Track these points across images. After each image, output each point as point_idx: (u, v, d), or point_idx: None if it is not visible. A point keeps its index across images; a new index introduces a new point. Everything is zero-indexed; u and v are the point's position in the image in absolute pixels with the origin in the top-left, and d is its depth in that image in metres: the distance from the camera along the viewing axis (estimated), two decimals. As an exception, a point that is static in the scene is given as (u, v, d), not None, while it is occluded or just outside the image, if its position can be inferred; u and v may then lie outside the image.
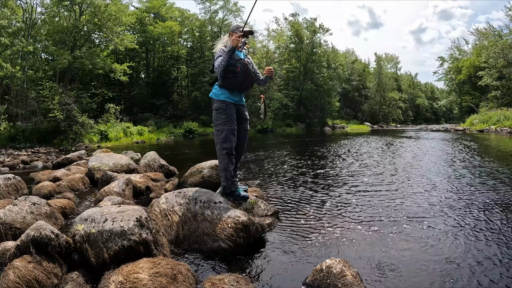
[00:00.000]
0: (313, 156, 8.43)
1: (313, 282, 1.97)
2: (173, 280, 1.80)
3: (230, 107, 3.19)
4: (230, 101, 3.20)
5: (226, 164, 3.13)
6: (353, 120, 42.06)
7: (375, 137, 16.05)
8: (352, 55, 50.70)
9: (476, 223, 2.99)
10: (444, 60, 35.82)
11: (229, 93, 3.20)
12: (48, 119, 13.28)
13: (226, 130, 3.14)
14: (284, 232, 2.88)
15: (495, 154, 8.31)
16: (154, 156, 6.02)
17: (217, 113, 3.20)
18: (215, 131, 3.23)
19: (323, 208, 3.58)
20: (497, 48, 24.29)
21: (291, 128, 29.43)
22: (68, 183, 4.64)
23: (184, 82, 28.64)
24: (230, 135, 3.15)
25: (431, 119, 58.09)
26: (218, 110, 3.19)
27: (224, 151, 3.14)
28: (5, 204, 3.13)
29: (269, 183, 4.92)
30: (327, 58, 35.08)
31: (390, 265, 2.24)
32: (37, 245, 2.00)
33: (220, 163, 3.23)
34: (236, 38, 3.01)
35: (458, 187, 4.45)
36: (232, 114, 3.19)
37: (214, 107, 3.24)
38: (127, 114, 20.21)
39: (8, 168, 7.41)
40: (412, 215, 3.26)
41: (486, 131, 18.73)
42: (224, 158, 3.14)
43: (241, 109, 3.35)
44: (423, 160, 7.14)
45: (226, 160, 3.13)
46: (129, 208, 2.38)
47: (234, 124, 3.21)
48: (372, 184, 4.74)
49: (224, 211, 2.63)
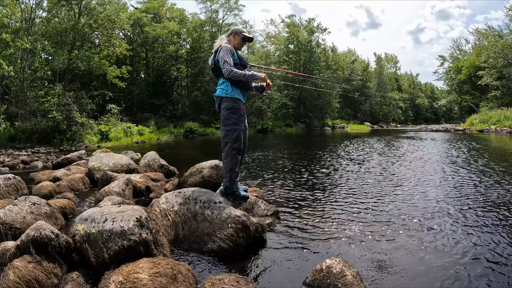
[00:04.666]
0: (312, 156, 8.43)
1: (313, 282, 1.97)
2: (173, 280, 1.80)
3: (242, 107, 3.17)
4: (243, 100, 3.18)
5: (234, 164, 3.09)
6: (353, 120, 42.03)
7: (375, 137, 16.05)
8: (353, 54, 50.67)
9: (477, 224, 2.99)
10: (444, 59, 35.82)
11: (240, 92, 3.16)
12: (47, 120, 13.28)
13: (238, 130, 3.08)
14: (284, 232, 2.88)
15: (496, 154, 8.30)
16: (154, 156, 6.02)
17: (229, 112, 3.08)
18: (226, 130, 3.09)
19: (323, 208, 3.58)
20: (497, 48, 24.28)
21: (291, 128, 29.42)
22: (68, 183, 4.64)
23: (184, 82, 28.63)
24: (241, 135, 3.12)
25: (431, 119, 58.04)
26: (231, 110, 3.07)
27: (234, 151, 3.08)
28: (5, 204, 3.13)
29: (269, 183, 4.92)
30: (326, 59, 35.04)
31: (390, 265, 2.24)
32: (37, 245, 1.99)
33: (227, 164, 3.11)
34: (268, 84, 3.16)
35: (458, 187, 4.45)
36: (244, 114, 3.18)
37: (225, 106, 3.09)
38: (127, 114, 20.19)
39: (8, 168, 7.41)
40: (412, 215, 3.26)
41: (486, 131, 18.73)
42: (232, 159, 3.09)
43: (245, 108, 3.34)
44: (423, 161, 7.14)
45: (235, 160, 3.09)
46: (129, 208, 2.38)
47: (245, 124, 3.20)
48: (372, 184, 4.74)
49: (224, 211, 2.63)
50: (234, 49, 3.16)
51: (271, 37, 36.47)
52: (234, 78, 3.00)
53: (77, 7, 16.82)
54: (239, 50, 3.26)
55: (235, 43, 3.21)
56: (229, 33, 3.26)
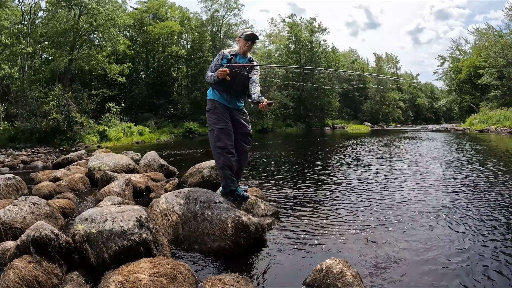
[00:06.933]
0: (313, 156, 8.43)
1: (313, 282, 1.97)
2: (173, 280, 1.80)
3: (221, 108, 3.19)
4: (221, 102, 3.20)
5: (224, 163, 3.10)
6: (353, 120, 42.03)
7: (375, 137, 16.05)
8: (354, 54, 50.66)
9: (477, 224, 2.99)
10: (444, 59, 35.78)
11: (219, 93, 3.22)
12: (47, 120, 13.29)
13: (217, 129, 3.13)
14: (284, 232, 2.88)
15: (496, 154, 8.30)
16: (154, 156, 6.02)
17: (208, 113, 3.26)
18: (209, 131, 3.24)
19: (323, 208, 3.58)
20: (497, 48, 24.25)
21: (291, 128, 29.44)
22: (68, 183, 4.64)
23: (184, 82, 28.64)
24: (221, 134, 3.11)
25: (431, 119, 58.01)
26: (209, 111, 3.24)
27: (219, 150, 3.10)
28: (5, 204, 3.13)
29: (269, 183, 4.92)
30: (327, 59, 35.05)
31: (390, 265, 2.24)
32: (37, 245, 2.00)
33: (217, 163, 3.21)
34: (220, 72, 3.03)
35: (459, 187, 4.45)
36: (224, 114, 3.17)
37: (206, 108, 3.29)
38: (127, 114, 20.20)
39: (8, 168, 7.42)
40: (413, 215, 3.26)
41: (486, 131, 18.72)
42: (220, 157, 3.11)
43: (236, 113, 3.28)
44: (423, 161, 7.14)
45: (222, 159, 3.10)
46: (129, 208, 2.38)
47: (227, 123, 3.16)
48: (372, 184, 4.74)
49: (224, 211, 2.63)
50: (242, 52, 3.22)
51: (271, 35, 36.47)
52: (208, 81, 3.24)
53: (77, 7, 16.82)
54: (247, 52, 3.27)
55: (241, 46, 3.24)
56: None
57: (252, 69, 3.22)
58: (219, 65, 3.18)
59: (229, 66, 3.09)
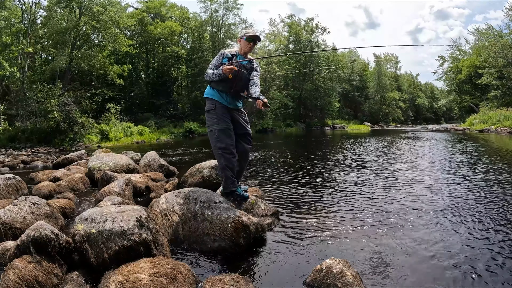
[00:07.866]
0: (313, 156, 8.43)
1: (313, 282, 1.97)
2: (173, 280, 1.80)
3: (221, 108, 3.16)
4: (221, 102, 3.17)
5: (225, 163, 3.09)
6: (353, 120, 42.03)
7: (375, 138, 16.05)
8: (354, 54, 50.63)
9: (478, 224, 2.99)
10: (444, 59, 35.78)
11: (219, 94, 3.18)
12: (47, 120, 13.29)
13: (217, 130, 3.11)
14: (284, 232, 2.88)
15: (496, 154, 8.30)
16: (154, 156, 6.02)
17: (208, 114, 3.20)
18: (209, 132, 3.21)
19: (323, 208, 3.58)
20: (497, 48, 24.25)
21: (291, 128, 29.44)
22: (68, 183, 4.64)
23: (184, 82, 28.62)
24: (222, 134, 3.10)
25: (431, 119, 58.05)
26: (208, 111, 3.19)
27: (220, 150, 3.10)
28: (5, 204, 3.12)
29: (269, 183, 4.92)
30: (327, 59, 35.05)
31: (390, 265, 2.24)
32: (37, 245, 1.99)
33: (218, 164, 3.21)
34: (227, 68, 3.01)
35: (459, 187, 4.45)
36: (224, 114, 3.15)
37: (205, 108, 3.24)
38: (126, 114, 20.21)
39: (8, 168, 7.42)
40: (413, 215, 3.26)
41: (486, 131, 18.72)
42: (221, 158, 3.11)
43: (236, 114, 3.26)
44: (424, 161, 7.14)
45: (223, 159, 3.09)
46: (129, 208, 2.37)
47: (228, 123, 3.15)
48: (372, 184, 4.74)
49: (224, 211, 2.63)
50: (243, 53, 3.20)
51: (271, 35, 36.45)
52: (208, 79, 3.18)
53: (77, 7, 16.82)
54: (248, 53, 3.24)
55: (242, 47, 3.21)
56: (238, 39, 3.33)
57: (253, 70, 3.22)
58: (220, 64, 3.16)
59: (234, 63, 3.07)
